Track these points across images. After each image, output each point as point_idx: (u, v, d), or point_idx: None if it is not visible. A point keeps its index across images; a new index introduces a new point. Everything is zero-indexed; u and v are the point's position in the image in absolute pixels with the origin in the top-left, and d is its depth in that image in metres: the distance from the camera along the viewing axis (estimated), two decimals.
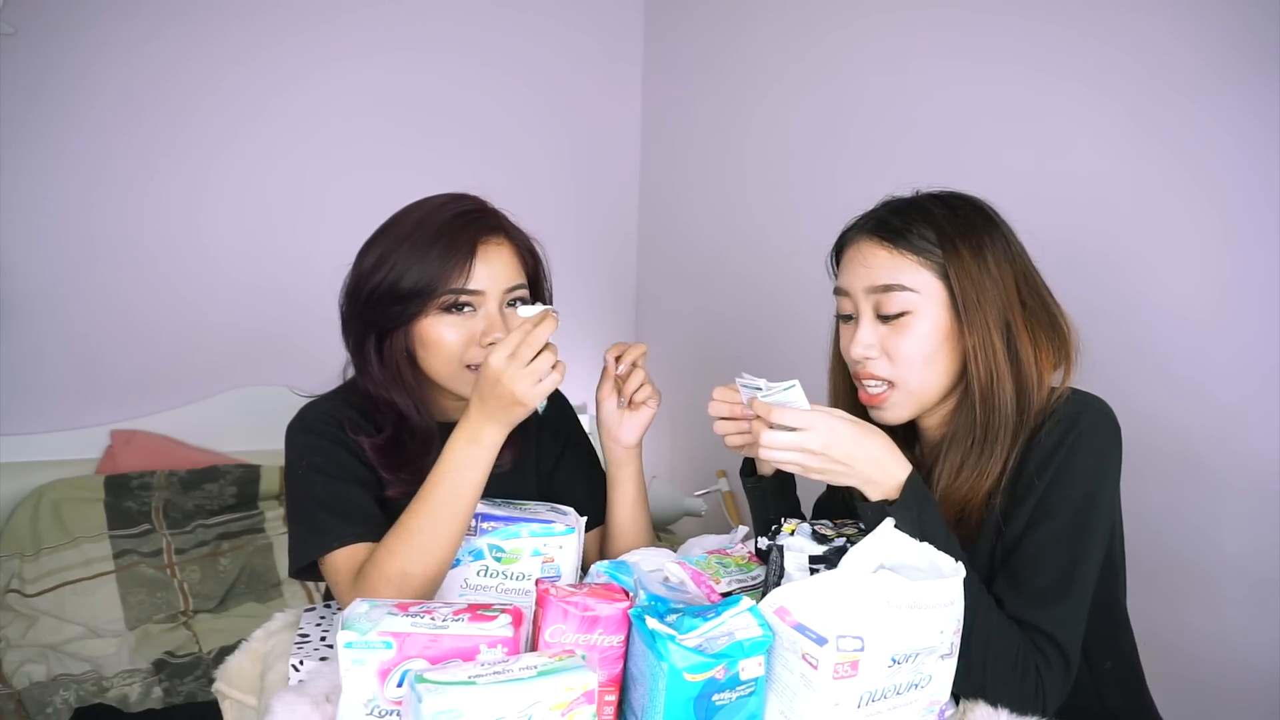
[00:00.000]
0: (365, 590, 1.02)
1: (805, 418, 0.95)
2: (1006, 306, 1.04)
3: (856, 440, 0.96)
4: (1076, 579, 0.99)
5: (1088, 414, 1.03)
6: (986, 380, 1.03)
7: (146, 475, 2.32)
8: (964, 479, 1.05)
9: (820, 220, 2.20)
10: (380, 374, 1.16)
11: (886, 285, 1.05)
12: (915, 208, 1.09)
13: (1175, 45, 1.41)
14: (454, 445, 1.05)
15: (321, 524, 1.09)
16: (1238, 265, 1.34)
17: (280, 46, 2.52)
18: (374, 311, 1.14)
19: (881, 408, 1.09)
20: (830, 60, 2.16)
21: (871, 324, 1.07)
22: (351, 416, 1.16)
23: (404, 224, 1.16)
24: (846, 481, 0.99)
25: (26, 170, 2.29)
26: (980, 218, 1.08)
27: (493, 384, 1.01)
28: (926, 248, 1.05)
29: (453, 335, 1.13)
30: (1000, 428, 1.03)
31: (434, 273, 1.11)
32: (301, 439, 1.16)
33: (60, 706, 1.78)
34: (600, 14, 2.95)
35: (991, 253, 1.05)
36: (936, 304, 1.05)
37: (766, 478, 1.22)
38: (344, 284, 1.19)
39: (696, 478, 2.73)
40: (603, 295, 3.09)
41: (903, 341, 1.05)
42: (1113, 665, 1.11)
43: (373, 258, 1.15)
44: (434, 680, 0.73)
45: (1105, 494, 1.02)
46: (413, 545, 1.02)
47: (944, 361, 1.06)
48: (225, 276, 2.51)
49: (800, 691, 0.80)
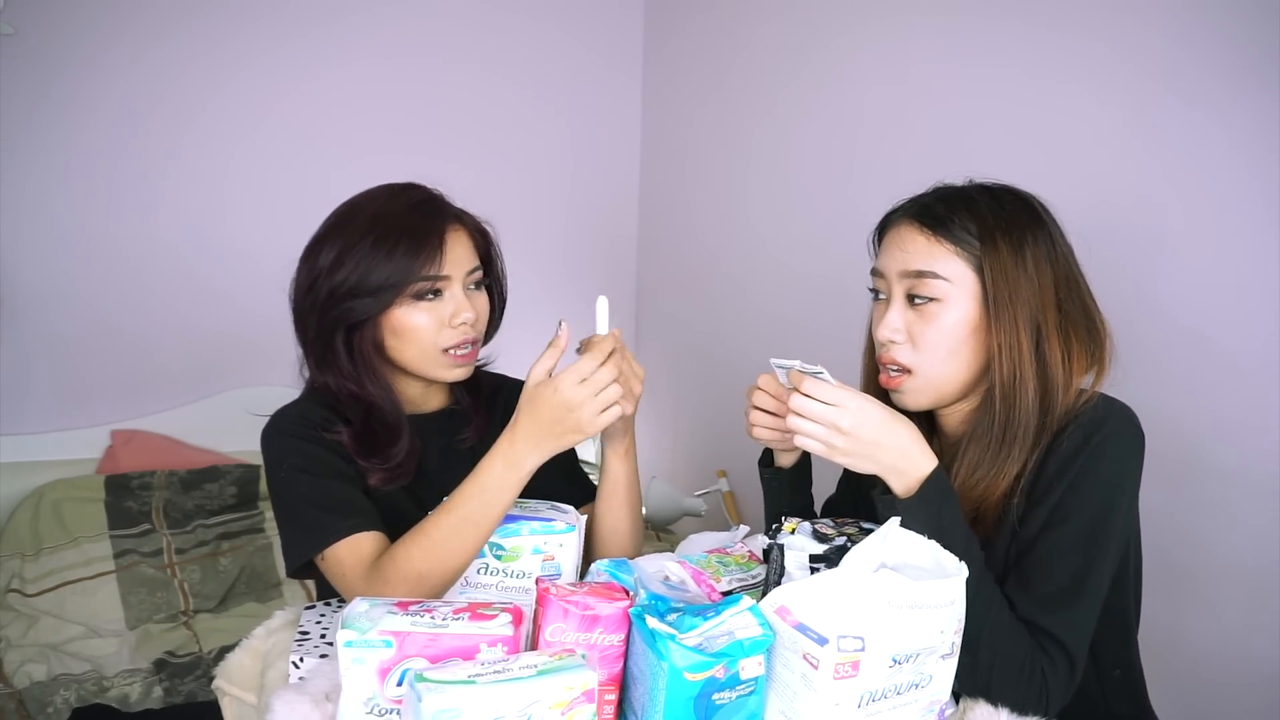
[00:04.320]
0: (379, 584, 1.03)
1: (838, 394, 0.95)
2: (1040, 308, 1.02)
3: (886, 425, 0.96)
4: (1088, 585, 0.98)
5: (1112, 420, 1.02)
6: (1009, 380, 1.02)
7: (147, 475, 2.33)
8: (980, 477, 1.04)
9: (820, 221, 2.21)
10: (350, 368, 1.17)
11: (919, 271, 1.04)
12: (961, 197, 1.07)
13: (1175, 49, 1.41)
14: (491, 464, 1.05)
15: (313, 521, 1.10)
16: (1238, 265, 1.34)
17: (283, 50, 2.52)
18: (338, 308, 1.14)
19: (899, 392, 1.08)
20: (830, 62, 2.16)
21: (901, 308, 1.07)
22: (324, 415, 1.17)
23: (358, 219, 1.16)
24: (870, 467, 0.97)
25: (27, 171, 2.29)
26: (1027, 214, 1.06)
27: (564, 410, 1.01)
28: (965, 239, 1.04)
29: (425, 321, 1.15)
30: (1020, 428, 1.02)
31: (406, 265, 1.12)
32: (279, 442, 1.16)
33: (60, 706, 1.78)
34: (600, 16, 2.95)
35: (1032, 251, 1.03)
36: (967, 296, 1.04)
37: (785, 469, 1.20)
38: (294, 283, 1.20)
39: (696, 478, 2.73)
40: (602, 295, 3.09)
41: (928, 329, 1.04)
42: (1121, 673, 1.11)
43: (329, 255, 1.15)
44: (434, 679, 0.73)
45: (1124, 501, 1.02)
46: (432, 552, 1.03)
47: (968, 355, 1.05)
48: (227, 276, 2.51)
49: (801, 691, 0.80)
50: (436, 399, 1.28)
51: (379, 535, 1.09)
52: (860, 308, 1.19)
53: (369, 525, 1.09)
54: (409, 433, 1.20)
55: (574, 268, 2.99)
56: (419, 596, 1.02)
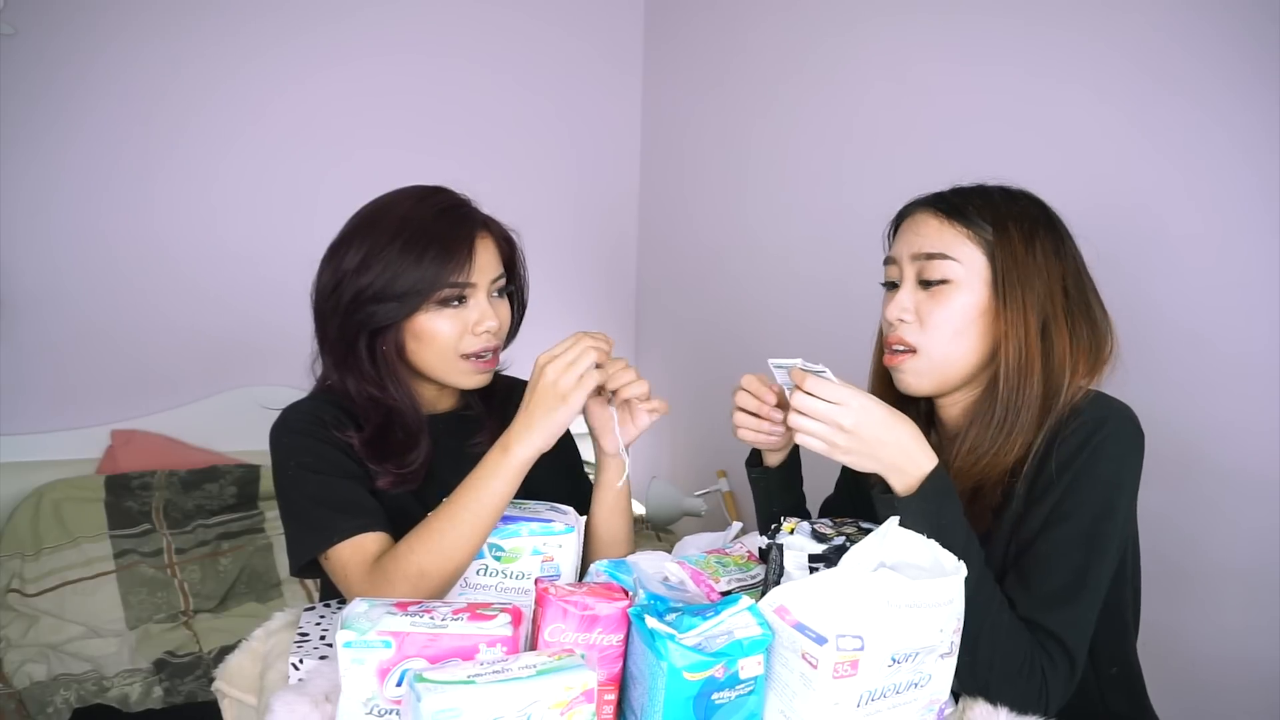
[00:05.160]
0: (381, 582, 1.03)
1: (841, 392, 0.95)
2: (1048, 297, 1.04)
3: (887, 424, 0.96)
4: (1088, 583, 0.99)
5: (1113, 419, 1.02)
6: (1015, 364, 1.03)
7: (147, 475, 2.33)
8: (981, 454, 1.05)
9: (819, 220, 2.21)
10: (372, 371, 1.17)
11: (930, 253, 1.07)
12: (977, 190, 1.11)
13: (1175, 48, 1.41)
14: (489, 454, 1.06)
15: (319, 520, 1.09)
16: (1238, 266, 1.34)
17: (283, 49, 2.53)
18: (363, 311, 1.14)
19: (901, 370, 1.09)
20: (830, 61, 2.16)
21: (912, 289, 1.09)
22: (335, 415, 1.17)
23: (385, 221, 1.15)
24: (871, 465, 0.98)
25: (27, 171, 2.29)
26: (1040, 212, 1.09)
27: (547, 386, 1.03)
28: (979, 224, 1.06)
29: (448, 327, 1.15)
30: (1024, 410, 1.03)
31: (434, 272, 1.12)
32: (287, 440, 1.16)
33: (61, 706, 1.78)
34: (600, 16, 2.95)
35: (1043, 243, 1.06)
36: (978, 279, 1.05)
37: (772, 469, 1.21)
38: (317, 283, 1.19)
39: (696, 478, 2.73)
40: (603, 295, 3.09)
41: (937, 309, 1.06)
42: (1119, 670, 1.11)
43: (355, 258, 1.14)
44: (433, 679, 0.73)
45: (1124, 501, 1.02)
46: (433, 546, 1.03)
47: (974, 338, 1.06)
48: (226, 276, 2.52)
49: (800, 690, 0.80)
50: (448, 400, 1.28)
51: (384, 536, 1.09)
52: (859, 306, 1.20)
53: (375, 526, 1.08)
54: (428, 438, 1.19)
55: (574, 267, 2.99)
56: (420, 595, 1.02)
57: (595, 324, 3.01)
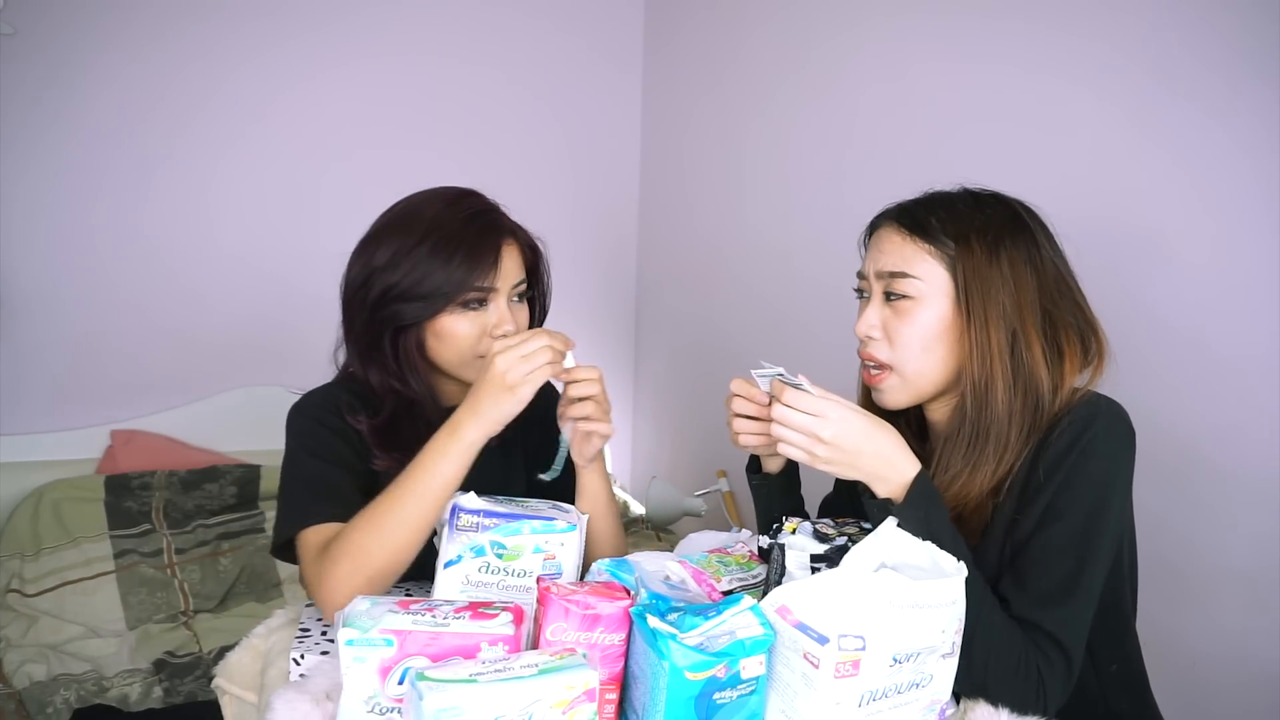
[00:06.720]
0: (325, 562, 1.04)
1: (819, 404, 0.96)
2: (1016, 308, 1.04)
3: (867, 434, 0.97)
4: (1083, 582, 0.99)
5: (1102, 417, 1.02)
6: (979, 378, 1.04)
7: (146, 475, 2.33)
8: (955, 476, 1.05)
9: (819, 220, 2.21)
10: (395, 366, 1.20)
11: (893, 272, 1.07)
12: (942, 200, 1.10)
13: (1175, 47, 1.41)
14: (436, 435, 1.08)
15: (300, 503, 1.13)
16: (1237, 267, 1.34)
17: (282, 49, 2.52)
18: (388, 308, 1.17)
19: (879, 389, 1.11)
20: (830, 61, 2.16)
21: (879, 306, 1.10)
22: (349, 400, 1.20)
23: (416, 222, 1.18)
24: (852, 475, 0.99)
25: (27, 171, 2.29)
26: (1009, 219, 1.08)
27: (496, 375, 1.04)
28: (940, 240, 1.06)
29: (468, 329, 1.18)
30: (993, 428, 1.03)
31: (460, 276, 1.15)
32: (297, 422, 1.21)
33: (60, 706, 1.78)
34: (600, 16, 2.95)
35: (1010, 254, 1.05)
36: (941, 295, 1.06)
37: (773, 475, 1.21)
38: (347, 275, 1.22)
39: (696, 478, 2.73)
40: (603, 295, 3.09)
41: (903, 326, 1.07)
42: (1119, 668, 1.11)
43: (385, 255, 1.17)
44: (435, 678, 0.73)
45: (1116, 498, 1.02)
46: (375, 524, 1.04)
47: (942, 352, 1.07)
48: (226, 276, 2.52)
49: (801, 690, 0.80)
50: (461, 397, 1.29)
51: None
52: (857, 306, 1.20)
53: (344, 517, 1.09)
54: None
55: (574, 267, 2.99)
56: (364, 574, 1.02)
57: (595, 324, 3.02)
